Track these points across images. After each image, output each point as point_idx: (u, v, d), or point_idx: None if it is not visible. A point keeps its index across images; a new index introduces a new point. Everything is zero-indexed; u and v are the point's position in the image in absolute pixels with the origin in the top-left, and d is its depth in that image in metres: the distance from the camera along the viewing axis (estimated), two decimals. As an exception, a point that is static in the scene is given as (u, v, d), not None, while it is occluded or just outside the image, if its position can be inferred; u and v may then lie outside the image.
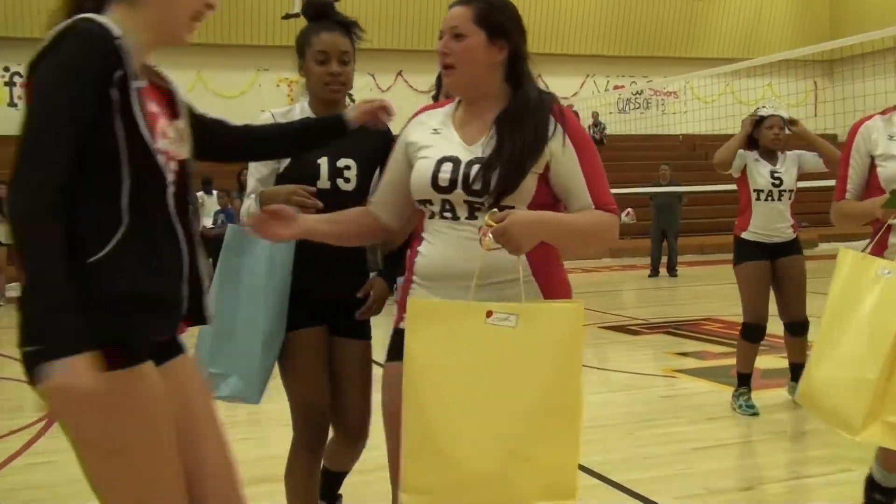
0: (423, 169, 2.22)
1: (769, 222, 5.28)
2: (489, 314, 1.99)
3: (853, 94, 15.56)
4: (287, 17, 17.90)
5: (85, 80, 1.74)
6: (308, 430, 2.88)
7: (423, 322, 2.03)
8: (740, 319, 5.37)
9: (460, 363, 1.98)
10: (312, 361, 2.87)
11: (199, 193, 13.59)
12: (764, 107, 5.50)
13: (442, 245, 2.20)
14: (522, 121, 2.18)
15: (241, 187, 12.53)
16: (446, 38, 2.21)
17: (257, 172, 2.88)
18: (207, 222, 12.94)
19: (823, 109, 22.35)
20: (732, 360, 5.43)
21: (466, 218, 2.18)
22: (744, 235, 5.32)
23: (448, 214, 2.20)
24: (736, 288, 5.40)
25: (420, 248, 2.27)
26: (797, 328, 5.30)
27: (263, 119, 2.80)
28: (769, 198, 5.28)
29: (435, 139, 2.27)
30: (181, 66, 21.48)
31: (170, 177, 1.89)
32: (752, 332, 5.27)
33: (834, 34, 22.71)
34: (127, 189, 1.79)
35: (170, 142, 1.92)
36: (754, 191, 5.29)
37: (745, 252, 5.30)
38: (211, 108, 1.87)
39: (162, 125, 1.91)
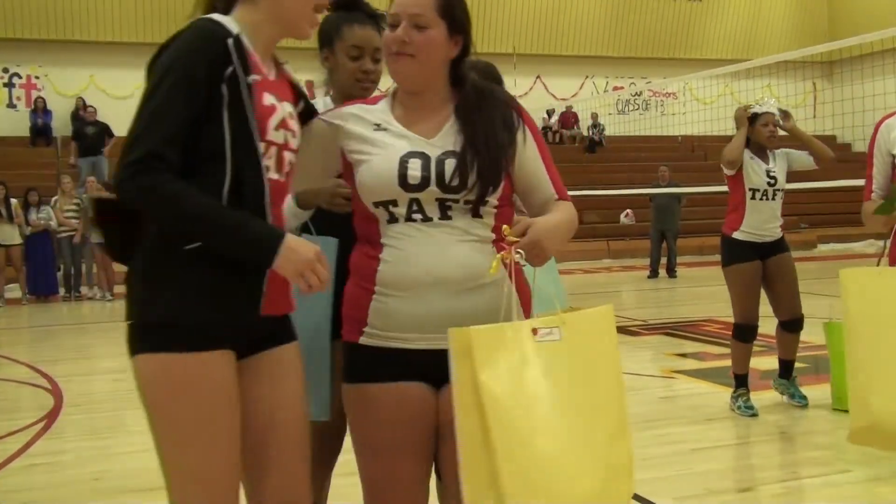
0: (383, 167, 2.02)
1: (763, 222, 5.25)
2: (535, 331, 1.87)
3: (852, 96, 15.58)
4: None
5: (194, 76, 1.83)
6: (321, 445, 2.76)
7: (485, 351, 1.83)
8: (733, 321, 5.36)
9: (529, 387, 1.84)
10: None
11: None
12: (758, 104, 5.44)
13: (414, 250, 2.00)
14: (485, 112, 2.07)
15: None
16: (406, 26, 2.01)
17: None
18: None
19: (822, 111, 22.36)
20: (731, 362, 5.43)
21: (440, 219, 2.01)
22: (735, 235, 5.27)
23: (418, 216, 2.02)
24: (734, 289, 5.38)
25: (382, 256, 2.03)
26: (794, 325, 5.31)
27: None
28: (764, 197, 5.25)
29: (383, 136, 2.07)
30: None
31: (271, 170, 1.95)
32: (745, 333, 5.27)
33: (833, 35, 22.73)
34: (228, 183, 1.86)
35: (290, 134, 2.01)
36: (749, 189, 5.25)
37: (737, 252, 5.25)
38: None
39: (280, 116, 1.97)
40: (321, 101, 2.75)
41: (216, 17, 1.92)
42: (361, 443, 2.10)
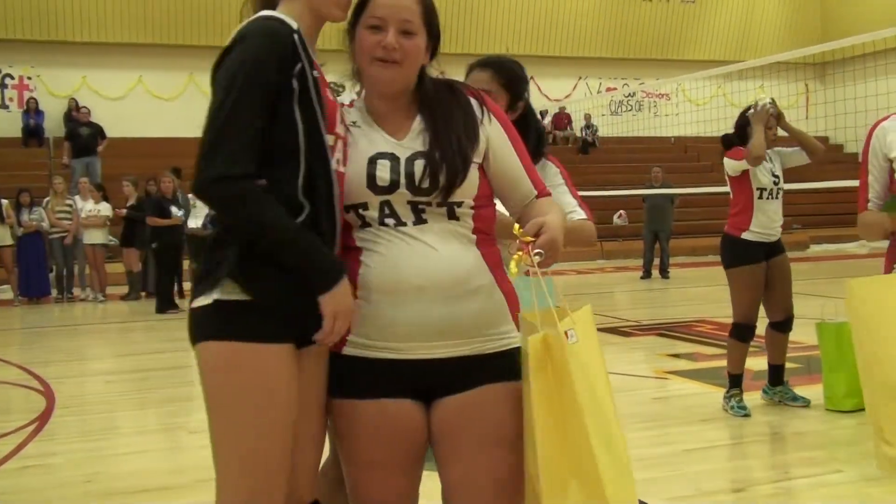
0: (352, 168, 1.98)
1: (770, 221, 5.28)
2: (567, 335, 1.83)
3: (844, 97, 15.60)
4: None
5: (266, 78, 1.83)
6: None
7: (537, 360, 1.81)
8: (732, 321, 5.37)
9: (573, 393, 1.81)
10: None
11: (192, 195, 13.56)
12: (758, 103, 5.43)
13: (393, 254, 1.94)
14: (445, 107, 2.03)
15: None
16: (395, 33, 1.95)
17: None
18: (198, 223, 12.90)
19: (815, 112, 22.38)
20: (724, 362, 5.43)
21: (414, 223, 1.95)
22: (744, 236, 5.26)
23: (391, 220, 1.96)
24: (728, 290, 5.39)
25: (363, 259, 1.97)
26: (786, 325, 5.33)
27: None
28: (770, 196, 5.28)
29: (355, 135, 2.04)
30: (174, 68, 21.53)
31: (339, 164, 1.97)
32: (745, 333, 5.28)
33: (825, 37, 22.76)
34: (301, 177, 1.88)
35: (344, 127, 2.03)
36: (757, 189, 5.26)
37: (746, 253, 5.25)
38: (203, 110, 1.86)
39: (339, 110, 2.01)
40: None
41: (276, 13, 1.91)
42: (345, 455, 2.07)
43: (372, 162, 1.98)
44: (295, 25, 1.90)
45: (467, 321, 1.95)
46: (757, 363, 5.83)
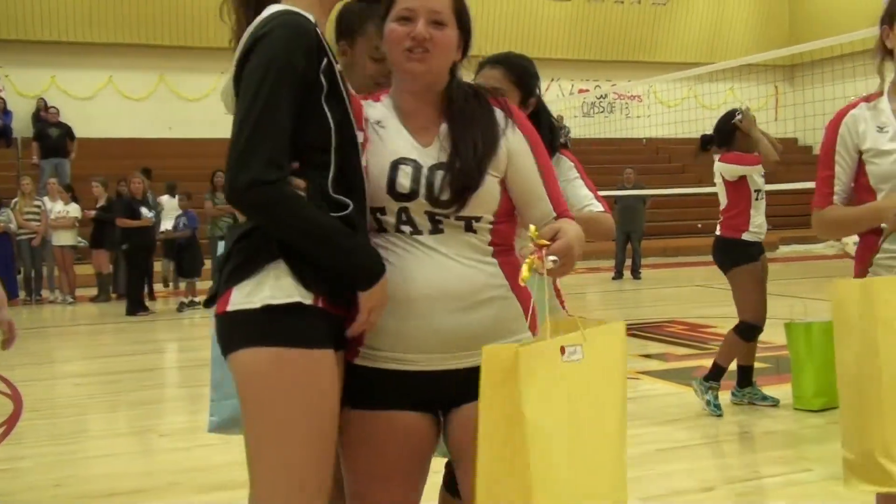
0: (375, 171, 1.94)
1: (763, 220, 5.37)
2: (562, 350, 1.76)
3: (813, 99, 15.78)
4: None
5: (295, 74, 1.76)
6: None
7: (528, 371, 1.71)
8: (704, 321, 5.42)
9: (558, 409, 1.74)
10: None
11: (165, 198, 13.46)
12: (741, 109, 5.53)
13: (406, 265, 1.91)
14: (471, 115, 1.99)
15: (214, 189, 12.42)
16: (425, 23, 1.91)
17: None
18: (168, 225, 12.82)
19: (784, 113, 22.60)
20: (696, 362, 5.48)
21: (431, 232, 1.92)
22: (745, 237, 5.30)
23: (407, 228, 1.93)
24: (699, 290, 5.48)
25: None
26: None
27: None
28: (761, 196, 5.37)
29: (381, 135, 1.99)
30: (144, 68, 21.33)
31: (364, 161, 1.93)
32: (754, 332, 5.29)
33: (794, 40, 23.02)
34: (332, 173, 1.83)
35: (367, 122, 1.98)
36: (755, 191, 5.33)
37: (748, 253, 5.29)
38: (174, 110, 1.84)
39: (362, 107, 1.97)
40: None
41: (290, 6, 1.84)
42: (349, 465, 2.02)
43: (394, 166, 1.94)
44: (312, 18, 1.83)
45: (480, 331, 1.90)
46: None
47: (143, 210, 11.90)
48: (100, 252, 13.18)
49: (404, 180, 1.92)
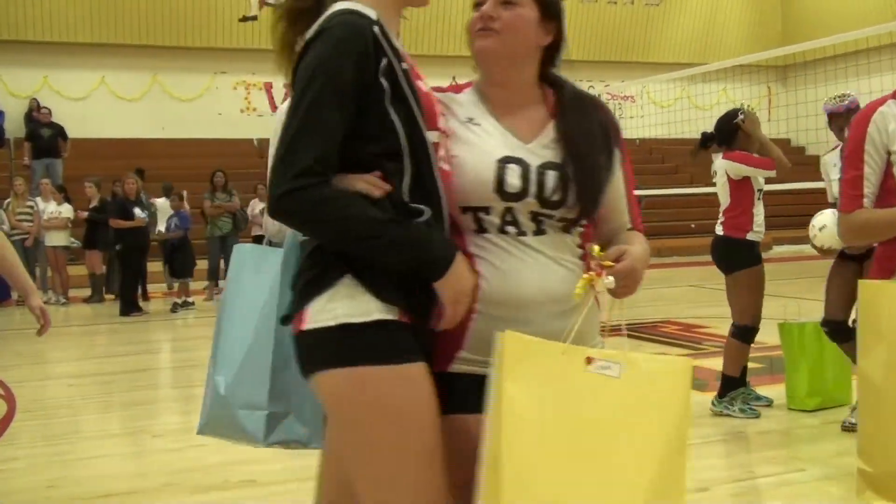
0: (478, 168, 1.84)
1: (763, 220, 5.33)
2: (589, 360, 1.73)
3: (806, 100, 15.83)
4: (244, 19, 17.75)
5: (343, 77, 1.69)
6: None
7: (520, 363, 1.69)
8: (698, 321, 5.41)
9: (560, 414, 1.69)
10: None
11: (161, 200, 13.43)
12: (744, 108, 5.51)
13: (512, 267, 1.84)
14: (586, 124, 1.91)
15: (214, 189, 12.37)
16: (493, 4, 1.85)
17: None
18: (162, 226, 12.79)
19: (777, 114, 22.67)
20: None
21: (535, 233, 1.85)
22: (750, 237, 5.25)
23: (512, 228, 1.85)
24: (693, 290, 5.44)
25: (478, 270, 1.84)
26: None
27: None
28: (761, 196, 5.35)
29: (476, 132, 1.89)
30: (137, 69, 21.27)
31: (442, 161, 1.84)
32: (752, 335, 5.25)
33: (787, 40, 23.07)
34: (408, 180, 1.75)
35: (444, 120, 1.88)
36: (758, 190, 5.30)
37: (752, 254, 5.25)
38: (167, 110, 1.83)
39: (437, 103, 1.87)
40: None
41: (353, 6, 1.76)
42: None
43: (502, 165, 1.84)
44: (374, 15, 1.75)
45: (577, 335, 1.82)
46: (719, 364, 5.86)
47: (137, 210, 11.87)
48: (93, 252, 13.15)
49: (514, 179, 1.83)
